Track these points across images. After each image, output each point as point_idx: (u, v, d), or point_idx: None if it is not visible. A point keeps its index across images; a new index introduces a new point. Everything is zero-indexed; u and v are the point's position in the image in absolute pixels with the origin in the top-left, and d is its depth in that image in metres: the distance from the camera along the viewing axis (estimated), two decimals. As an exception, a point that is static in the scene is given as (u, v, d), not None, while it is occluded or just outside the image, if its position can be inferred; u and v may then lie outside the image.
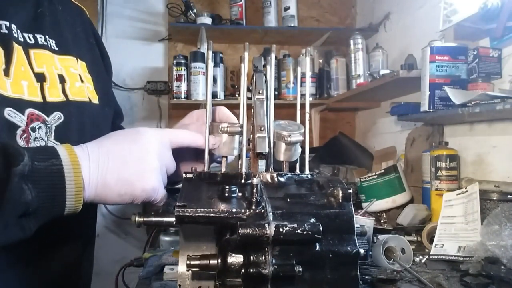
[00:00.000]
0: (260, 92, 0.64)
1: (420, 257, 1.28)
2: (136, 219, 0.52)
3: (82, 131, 0.75)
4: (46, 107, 0.69)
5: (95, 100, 0.80)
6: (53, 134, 0.69)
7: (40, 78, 0.69)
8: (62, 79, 0.73)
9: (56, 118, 0.70)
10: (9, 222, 0.48)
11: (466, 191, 1.37)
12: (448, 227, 1.34)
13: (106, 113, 0.85)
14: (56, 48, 0.75)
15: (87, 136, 0.75)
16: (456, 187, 1.56)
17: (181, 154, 0.69)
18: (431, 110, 1.55)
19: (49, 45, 0.73)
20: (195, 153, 0.71)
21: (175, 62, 2.51)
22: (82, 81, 0.78)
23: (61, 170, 0.51)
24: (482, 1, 1.41)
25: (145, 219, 0.52)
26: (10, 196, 0.47)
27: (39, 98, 0.68)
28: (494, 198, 1.32)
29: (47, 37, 0.73)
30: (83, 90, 0.77)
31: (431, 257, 1.27)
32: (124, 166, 0.56)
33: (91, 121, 0.77)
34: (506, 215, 1.16)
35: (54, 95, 0.71)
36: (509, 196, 1.31)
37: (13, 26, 0.67)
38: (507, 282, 1.02)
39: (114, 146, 0.57)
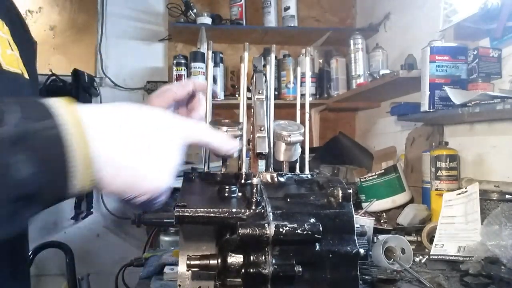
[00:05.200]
0: (260, 92, 0.64)
1: (420, 257, 1.28)
2: (136, 219, 0.52)
3: None
4: None
5: (26, 75, 0.63)
6: None
7: None
8: None
9: None
10: (1, 210, 0.36)
11: (466, 191, 1.37)
12: (448, 227, 1.34)
13: (36, 93, 0.69)
14: None
15: None
16: (456, 187, 1.56)
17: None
18: (431, 110, 1.55)
19: None
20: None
21: (175, 62, 2.51)
22: (12, 49, 0.61)
23: (60, 137, 0.37)
24: (482, 1, 1.41)
25: (145, 219, 0.52)
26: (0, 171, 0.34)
27: None
28: (494, 198, 1.32)
29: None
30: (16, 59, 0.60)
31: (431, 257, 1.27)
32: (142, 152, 0.43)
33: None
34: (506, 215, 1.16)
35: None
36: (509, 196, 1.31)
37: None
38: (507, 282, 1.02)
39: (132, 121, 0.44)
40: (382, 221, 1.68)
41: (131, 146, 0.42)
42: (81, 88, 2.45)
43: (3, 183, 0.35)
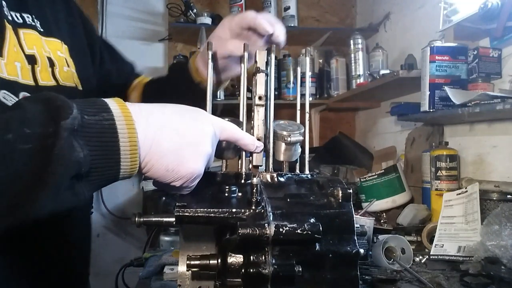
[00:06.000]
0: (261, 98, 0.64)
1: (420, 257, 1.28)
2: (136, 219, 0.52)
3: None
4: (39, 91, 0.64)
5: (80, 86, 0.76)
6: None
7: (31, 60, 0.66)
8: (51, 63, 0.69)
9: None
10: (61, 184, 0.42)
11: (466, 191, 1.37)
12: (448, 227, 1.34)
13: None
14: (42, 30, 0.71)
15: None
16: (456, 187, 1.56)
17: None
18: (431, 110, 1.55)
19: (36, 26, 0.70)
20: None
21: (175, 62, 2.51)
22: (68, 66, 0.75)
23: (113, 126, 0.45)
24: (482, 1, 1.41)
25: (145, 219, 0.52)
26: (60, 154, 0.41)
27: (31, 82, 0.65)
28: (494, 198, 1.32)
29: (33, 17, 0.70)
30: (71, 75, 0.74)
31: (431, 257, 1.27)
32: (182, 140, 0.50)
33: None
34: (506, 215, 1.16)
35: (45, 79, 0.67)
36: (509, 196, 1.31)
37: (3, 2, 0.64)
38: (507, 282, 1.02)
39: (174, 115, 0.52)
40: (382, 221, 1.68)
41: (173, 134, 0.50)
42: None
43: (65, 162, 0.41)
